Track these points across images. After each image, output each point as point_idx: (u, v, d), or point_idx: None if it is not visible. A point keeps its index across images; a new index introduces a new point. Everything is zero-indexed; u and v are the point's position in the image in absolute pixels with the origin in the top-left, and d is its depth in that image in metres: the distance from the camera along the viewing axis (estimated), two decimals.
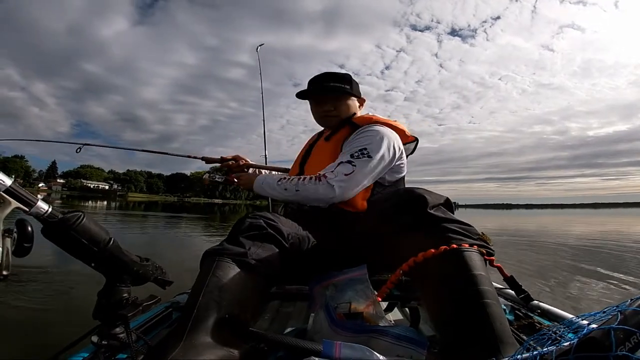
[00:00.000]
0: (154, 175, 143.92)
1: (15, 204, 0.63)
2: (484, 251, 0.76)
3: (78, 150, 1.90)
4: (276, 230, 0.88)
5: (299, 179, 1.11)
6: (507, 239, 8.27)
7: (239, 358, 0.68)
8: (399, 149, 1.20)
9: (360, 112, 1.36)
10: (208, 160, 1.78)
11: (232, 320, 0.70)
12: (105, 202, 34.68)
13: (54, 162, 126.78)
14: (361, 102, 1.37)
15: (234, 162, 1.63)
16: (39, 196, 0.67)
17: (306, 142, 1.50)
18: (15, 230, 0.62)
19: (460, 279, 0.70)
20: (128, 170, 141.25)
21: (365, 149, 1.11)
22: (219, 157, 1.70)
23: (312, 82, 1.34)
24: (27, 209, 0.65)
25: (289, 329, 0.96)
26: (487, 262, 0.77)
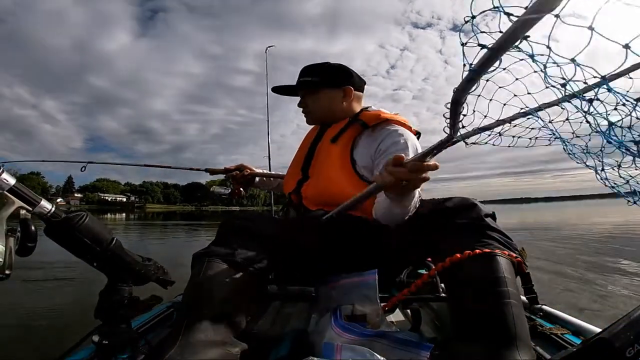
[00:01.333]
0: (170, 186, 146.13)
1: (18, 203, 0.64)
2: (516, 260, 0.79)
3: (82, 169, 1.92)
4: (263, 229, 0.89)
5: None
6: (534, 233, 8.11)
7: (236, 356, 0.69)
8: None
9: (356, 104, 1.23)
10: (212, 172, 1.73)
11: (226, 318, 0.71)
12: (124, 214, 35.36)
13: (70, 177, 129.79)
14: (346, 91, 1.19)
15: (238, 172, 1.60)
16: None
17: (303, 139, 1.36)
18: (18, 229, 0.64)
19: (489, 279, 0.72)
20: (144, 182, 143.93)
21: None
22: (223, 168, 1.68)
23: None
24: (31, 208, 0.66)
25: (289, 330, 0.95)
26: (516, 268, 0.79)
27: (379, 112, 1.14)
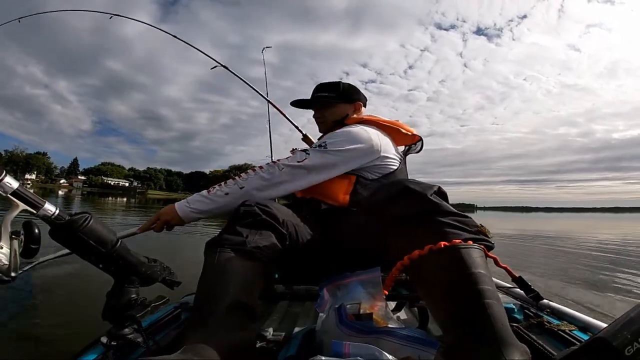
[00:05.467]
0: (173, 174, 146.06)
1: (22, 206, 0.64)
2: (483, 246, 0.71)
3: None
4: (271, 216, 0.89)
5: (240, 176, 1.09)
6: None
7: (251, 342, 0.72)
8: (373, 148, 1.16)
9: (357, 114, 1.39)
10: (306, 139, 2.01)
11: (241, 306, 0.72)
12: (125, 199, 35.40)
13: (75, 159, 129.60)
14: (356, 106, 1.41)
15: None
16: (60, 192, 0.67)
17: None
18: (22, 232, 0.63)
19: (459, 278, 0.65)
20: (148, 168, 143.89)
21: (325, 142, 1.13)
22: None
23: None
24: (35, 211, 0.65)
25: (297, 329, 0.95)
26: (493, 260, 0.73)
27: (364, 116, 1.33)
